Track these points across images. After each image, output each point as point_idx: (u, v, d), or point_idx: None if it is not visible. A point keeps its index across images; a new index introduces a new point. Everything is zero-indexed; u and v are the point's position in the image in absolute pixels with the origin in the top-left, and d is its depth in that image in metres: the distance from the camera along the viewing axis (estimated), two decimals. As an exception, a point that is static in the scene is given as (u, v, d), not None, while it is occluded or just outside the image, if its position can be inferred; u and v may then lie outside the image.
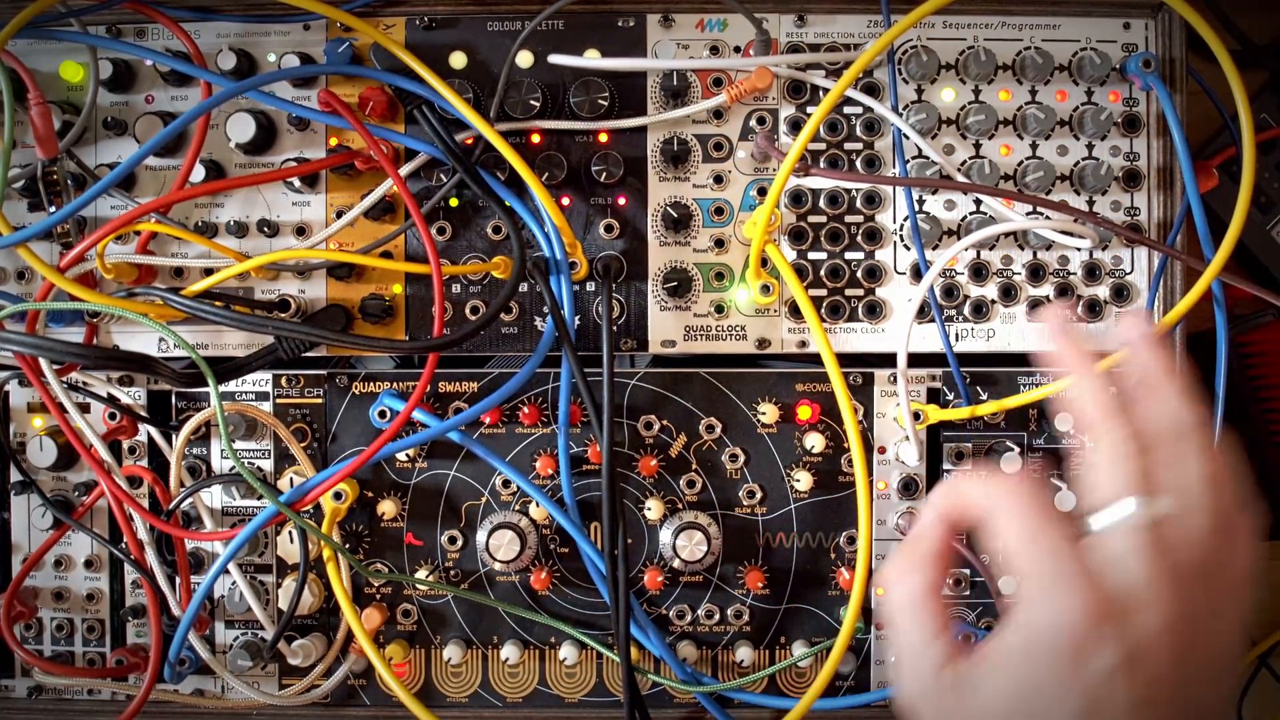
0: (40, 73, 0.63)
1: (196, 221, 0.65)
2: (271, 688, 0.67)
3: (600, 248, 0.65)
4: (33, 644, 0.67)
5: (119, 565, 0.67)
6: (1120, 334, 0.44)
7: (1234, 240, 0.55)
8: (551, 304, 0.60)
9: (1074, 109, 0.64)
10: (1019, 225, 0.62)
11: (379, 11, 0.64)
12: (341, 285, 0.65)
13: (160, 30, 0.64)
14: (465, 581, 0.67)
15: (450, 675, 0.67)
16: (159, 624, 0.62)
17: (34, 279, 0.65)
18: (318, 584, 0.66)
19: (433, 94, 0.60)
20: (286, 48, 0.64)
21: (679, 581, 0.67)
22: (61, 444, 0.64)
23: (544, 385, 0.66)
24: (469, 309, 0.65)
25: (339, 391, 0.66)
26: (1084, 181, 0.64)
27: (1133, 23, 0.64)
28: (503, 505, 0.66)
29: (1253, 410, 0.77)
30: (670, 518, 0.66)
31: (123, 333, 0.65)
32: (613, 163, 0.63)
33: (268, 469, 0.66)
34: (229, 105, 0.63)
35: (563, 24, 0.64)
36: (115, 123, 0.64)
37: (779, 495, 0.66)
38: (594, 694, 0.67)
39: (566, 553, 0.66)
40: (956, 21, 0.64)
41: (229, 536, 0.59)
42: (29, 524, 0.67)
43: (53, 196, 0.61)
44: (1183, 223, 0.64)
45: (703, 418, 0.66)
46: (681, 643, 0.66)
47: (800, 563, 0.67)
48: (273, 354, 0.61)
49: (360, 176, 0.65)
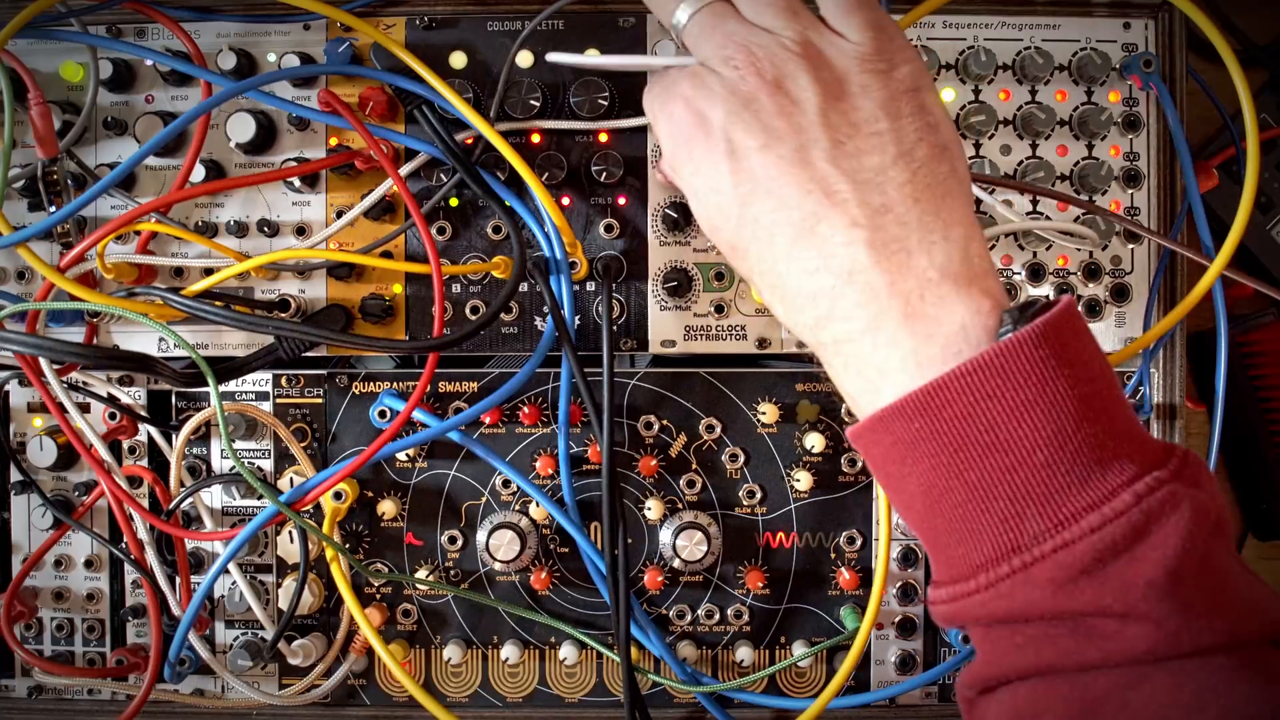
0: (40, 73, 0.63)
1: (196, 221, 0.65)
2: (271, 688, 0.67)
3: (600, 248, 0.65)
4: (33, 644, 0.67)
5: (119, 565, 0.67)
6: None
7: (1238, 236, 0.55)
8: (551, 304, 0.60)
9: (1074, 109, 0.64)
10: (1019, 225, 0.62)
11: (379, 11, 0.64)
12: (341, 285, 0.65)
13: (160, 30, 0.64)
14: (465, 581, 0.67)
15: (450, 675, 0.67)
16: (159, 624, 0.62)
17: (34, 279, 0.65)
18: (318, 584, 0.66)
19: (433, 94, 0.60)
20: (286, 48, 0.64)
21: (679, 581, 0.67)
22: (61, 444, 0.64)
23: (544, 385, 0.66)
24: (469, 309, 0.65)
25: (339, 391, 0.66)
26: (1084, 181, 0.64)
27: (1133, 23, 0.64)
28: (503, 505, 0.66)
29: (1253, 410, 0.77)
30: (670, 518, 0.66)
31: (123, 333, 0.65)
32: (613, 163, 0.63)
33: (268, 469, 0.66)
34: (229, 105, 0.63)
35: (562, 24, 0.64)
36: (115, 123, 0.64)
37: (779, 495, 0.66)
38: (594, 694, 0.67)
39: (566, 553, 0.66)
40: (956, 21, 0.64)
41: (229, 536, 0.59)
42: (29, 524, 0.67)
43: (53, 196, 0.61)
44: (1183, 223, 0.64)
45: (703, 418, 0.66)
46: (681, 643, 0.66)
47: (800, 563, 0.67)
48: (273, 354, 0.61)
49: (360, 176, 0.65)
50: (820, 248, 0.40)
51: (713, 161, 0.43)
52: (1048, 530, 0.36)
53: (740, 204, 0.42)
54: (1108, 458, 0.36)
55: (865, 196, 0.40)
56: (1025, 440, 0.36)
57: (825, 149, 0.41)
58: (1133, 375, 0.65)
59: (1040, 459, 0.36)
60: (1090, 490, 0.36)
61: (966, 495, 0.37)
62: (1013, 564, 0.36)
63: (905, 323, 0.39)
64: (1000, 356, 0.36)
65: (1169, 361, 0.65)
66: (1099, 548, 0.35)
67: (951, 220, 0.40)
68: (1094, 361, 0.38)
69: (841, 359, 0.41)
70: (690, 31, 0.45)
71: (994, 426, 0.36)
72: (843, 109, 0.41)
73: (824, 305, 0.41)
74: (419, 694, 0.61)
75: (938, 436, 0.37)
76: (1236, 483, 0.80)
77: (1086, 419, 0.36)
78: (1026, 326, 0.36)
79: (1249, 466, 0.78)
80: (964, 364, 0.37)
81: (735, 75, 0.42)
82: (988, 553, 0.37)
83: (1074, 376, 0.37)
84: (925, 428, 0.38)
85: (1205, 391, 0.77)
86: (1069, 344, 0.37)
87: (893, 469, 0.40)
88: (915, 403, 0.38)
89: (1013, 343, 0.36)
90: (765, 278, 0.43)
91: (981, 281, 0.40)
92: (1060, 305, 0.37)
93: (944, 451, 0.37)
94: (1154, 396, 0.65)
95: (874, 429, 0.40)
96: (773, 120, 0.41)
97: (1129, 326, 0.65)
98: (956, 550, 0.39)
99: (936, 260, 0.39)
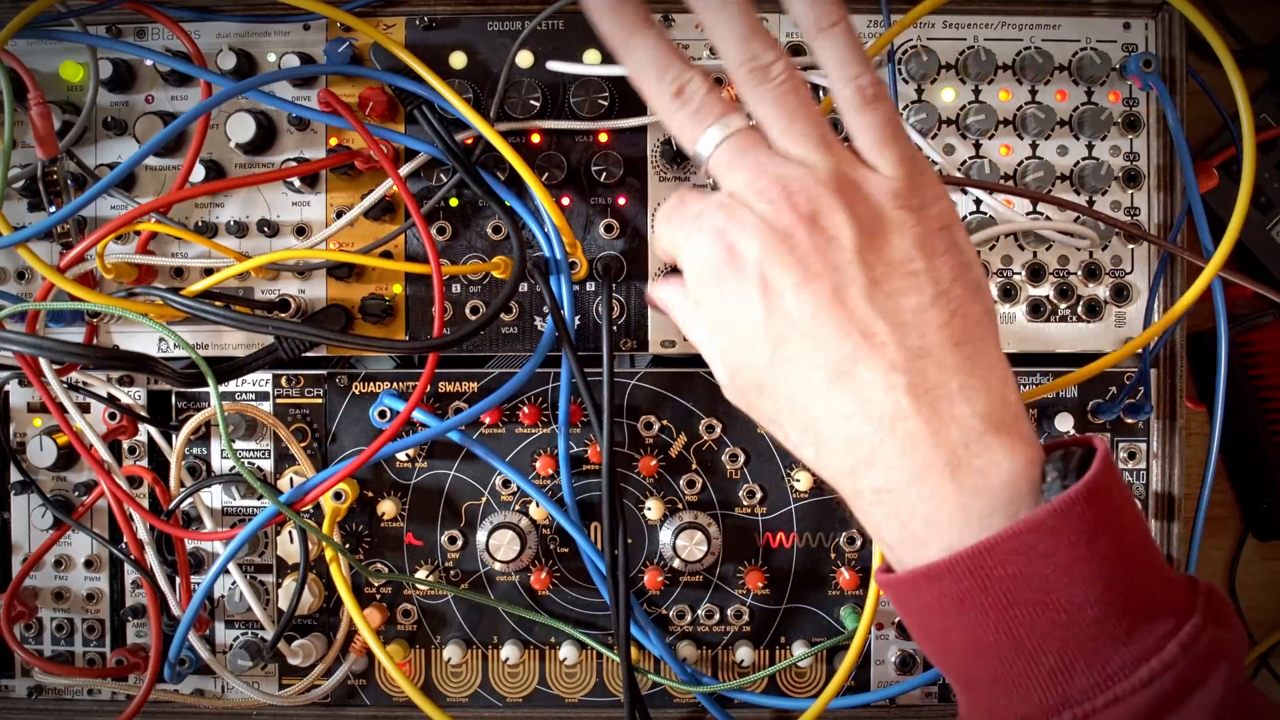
0: (40, 73, 0.63)
1: (196, 221, 0.65)
2: (271, 688, 0.67)
3: (600, 248, 0.65)
4: (33, 644, 0.67)
5: (119, 565, 0.67)
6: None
7: (1235, 236, 0.55)
8: (551, 304, 0.60)
9: (1074, 109, 0.64)
10: (1019, 226, 0.62)
11: (379, 11, 0.64)
12: (341, 285, 0.65)
13: (160, 30, 0.64)
14: (465, 581, 0.67)
15: (450, 675, 0.67)
16: (159, 624, 0.62)
17: (34, 279, 0.65)
18: (318, 584, 0.66)
19: (433, 94, 0.60)
20: (286, 48, 0.64)
21: (679, 581, 0.67)
22: (61, 444, 0.64)
23: (544, 385, 0.66)
24: (469, 309, 0.65)
25: (339, 391, 0.66)
26: (1084, 181, 0.64)
27: (1133, 23, 0.64)
28: (503, 505, 0.66)
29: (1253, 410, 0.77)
30: (670, 518, 0.66)
31: (123, 333, 0.65)
32: (613, 163, 0.63)
33: (268, 469, 0.66)
34: (229, 105, 0.63)
35: (562, 24, 0.64)
36: (115, 123, 0.64)
37: (779, 495, 0.66)
38: (594, 694, 0.67)
39: (566, 553, 0.66)
40: (956, 21, 0.64)
41: (229, 536, 0.59)
42: (29, 524, 0.67)
43: (53, 196, 0.61)
44: (1183, 223, 0.64)
45: (703, 418, 0.66)
46: (681, 643, 0.66)
47: (800, 563, 0.67)
48: (273, 354, 0.61)
49: (360, 176, 0.65)
50: (858, 392, 0.39)
51: (745, 297, 0.41)
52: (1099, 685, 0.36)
53: (773, 343, 0.40)
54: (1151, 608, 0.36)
55: (904, 339, 0.39)
56: (1077, 598, 0.36)
57: (863, 288, 0.39)
58: (1133, 375, 0.65)
59: (1091, 615, 0.36)
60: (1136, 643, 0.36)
61: (1014, 651, 0.37)
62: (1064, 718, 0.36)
63: (952, 475, 0.38)
64: (1054, 516, 0.36)
65: (1169, 361, 0.65)
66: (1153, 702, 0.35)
67: (989, 364, 0.39)
68: (1131, 512, 0.38)
69: (881, 510, 0.40)
70: (718, 160, 0.42)
71: (1047, 586, 0.36)
72: (879, 247, 0.40)
73: (863, 452, 0.39)
74: (416, 696, 0.61)
75: (988, 594, 0.37)
76: (1236, 483, 0.80)
77: (1130, 571, 0.36)
78: (1076, 485, 0.36)
79: (1249, 466, 0.78)
80: (1018, 524, 0.36)
81: (770, 210, 0.40)
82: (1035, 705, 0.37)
83: (1118, 531, 0.36)
84: (976, 585, 0.37)
85: (1205, 391, 0.77)
86: (1112, 498, 0.37)
87: (934, 622, 0.39)
88: (967, 561, 0.37)
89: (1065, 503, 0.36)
90: (795, 419, 0.41)
91: (1019, 428, 0.39)
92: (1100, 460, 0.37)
93: (995, 609, 0.37)
94: (1154, 396, 0.65)
95: (917, 583, 0.39)
96: (809, 257, 0.39)
97: (1129, 326, 0.65)
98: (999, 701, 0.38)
99: (979, 408, 0.38)
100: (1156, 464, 0.66)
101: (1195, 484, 0.64)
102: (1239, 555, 0.80)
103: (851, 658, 0.60)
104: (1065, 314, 0.65)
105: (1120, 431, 0.66)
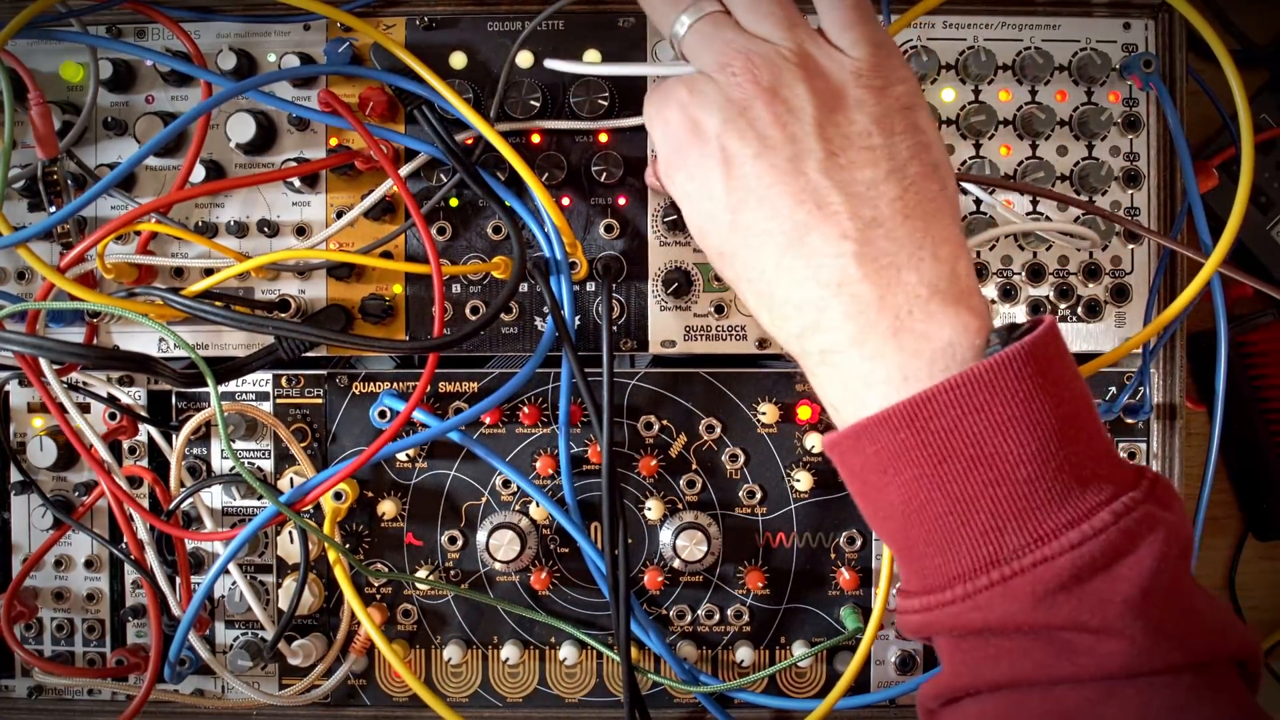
0: (40, 73, 0.63)
1: (196, 221, 0.65)
2: (271, 688, 0.67)
3: (600, 248, 0.65)
4: (33, 644, 0.67)
5: (119, 565, 0.67)
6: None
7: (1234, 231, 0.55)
8: (551, 304, 0.60)
9: (1074, 109, 0.64)
10: (1020, 227, 0.62)
11: (379, 11, 0.64)
12: (341, 285, 0.65)
13: (160, 30, 0.64)
14: (465, 581, 0.67)
15: (450, 675, 0.67)
16: (159, 624, 0.62)
17: (34, 279, 0.65)
18: (318, 584, 0.66)
19: (433, 94, 0.60)
20: (286, 48, 0.64)
21: (679, 581, 0.67)
22: (61, 444, 0.64)
23: (544, 385, 0.66)
24: (469, 309, 0.65)
25: (339, 391, 0.66)
26: (1084, 181, 0.64)
27: (1133, 23, 0.64)
28: (503, 505, 0.66)
29: (1253, 410, 0.77)
30: (670, 518, 0.66)
31: (123, 333, 0.65)
32: (613, 163, 0.63)
33: (268, 469, 0.66)
34: (229, 105, 0.63)
35: (562, 24, 0.64)
36: (115, 123, 0.64)
37: (779, 495, 0.66)
38: (594, 694, 0.67)
39: (567, 553, 0.66)
40: (956, 21, 0.64)
41: (229, 537, 0.59)
42: (29, 524, 0.67)
43: (53, 196, 0.61)
44: (1183, 223, 0.64)
45: (703, 418, 0.66)
46: (682, 643, 0.66)
47: (800, 563, 0.67)
48: (273, 354, 0.61)
49: (360, 176, 0.65)
50: (809, 258, 0.41)
51: (706, 168, 0.43)
52: (1028, 544, 0.36)
53: (731, 211, 0.43)
54: (1086, 477, 0.37)
55: (857, 209, 0.40)
56: (1010, 455, 0.37)
57: (819, 160, 0.41)
58: (1133, 375, 0.65)
59: (1023, 474, 0.37)
60: (1070, 508, 0.36)
61: (948, 507, 0.38)
62: (992, 576, 0.37)
63: (893, 337, 0.39)
64: (989, 372, 0.37)
65: (1169, 361, 0.65)
66: (1079, 564, 0.35)
67: (941, 238, 0.41)
68: (1074, 382, 0.39)
69: (826, 369, 0.42)
70: (689, 41, 0.45)
71: (980, 440, 0.37)
72: (837, 121, 0.41)
73: (810, 315, 0.41)
74: (420, 688, 0.62)
75: (923, 447, 0.38)
76: (1236, 483, 0.80)
77: (1067, 438, 0.37)
78: (1014, 345, 0.37)
79: (1249, 466, 0.78)
80: (953, 377, 0.37)
81: (732, 82, 0.42)
82: (966, 564, 0.37)
83: (1057, 396, 0.37)
84: (911, 438, 0.38)
85: (1205, 391, 0.77)
86: (1053, 364, 0.38)
87: (873, 478, 0.40)
88: (903, 413, 0.38)
89: (1001, 359, 0.37)
90: (752, 285, 0.44)
91: (968, 300, 0.40)
92: (1044, 326, 0.38)
93: (929, 462, 0.38)
94: (1154, 396, 0.65)
95: (857, 438, 0.40)
96: (768, 128, 0.41)
97: (1129, 326, 0.65)
98: (933, 561, 0.39)
99: (926, 277, 0.40)
100: (1156, 464, 0.66)
101: (1195, 484, 0.64)
102: (1239, 555, 0.80)
103: (859, 659, 0.60)
104: (1065, 314, 0.65)
105: (1120, 432, 0.66)
